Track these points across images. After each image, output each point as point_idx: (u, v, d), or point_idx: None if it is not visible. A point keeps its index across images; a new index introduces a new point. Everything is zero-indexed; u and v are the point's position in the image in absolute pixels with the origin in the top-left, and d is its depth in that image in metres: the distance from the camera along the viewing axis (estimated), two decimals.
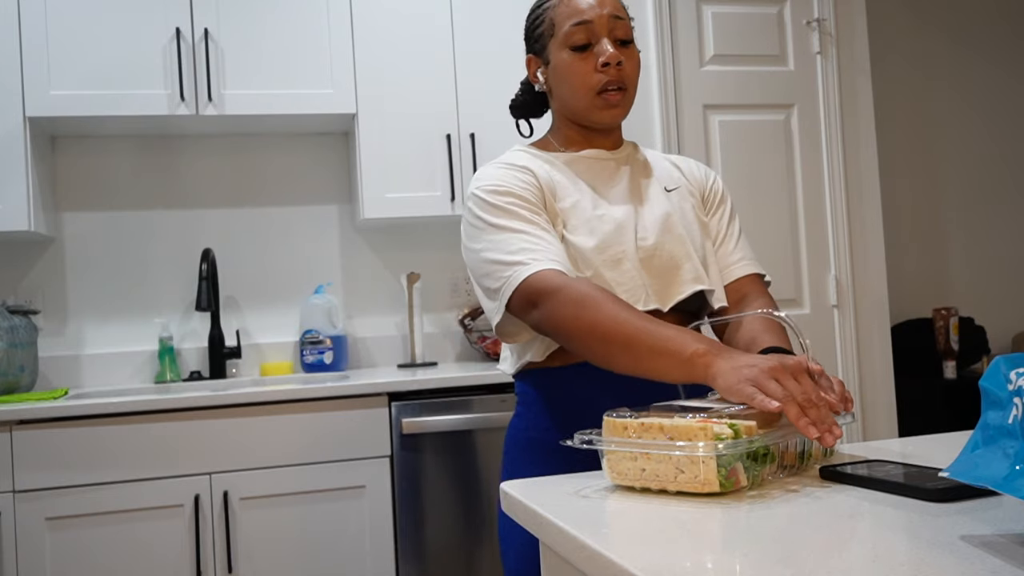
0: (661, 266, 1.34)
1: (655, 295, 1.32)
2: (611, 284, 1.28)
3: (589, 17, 1.35)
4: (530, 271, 1.20)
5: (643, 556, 0.68)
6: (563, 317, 1.16)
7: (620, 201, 1.36)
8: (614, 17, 1.36)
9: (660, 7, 2.78)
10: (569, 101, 1.39)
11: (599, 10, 1.36)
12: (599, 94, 1.35)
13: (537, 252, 1.22)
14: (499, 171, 1.34)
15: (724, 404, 0.99)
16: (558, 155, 1.41)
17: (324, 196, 3.00)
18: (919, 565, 0.61)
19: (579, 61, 1.36)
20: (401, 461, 2.34)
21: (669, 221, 1.37)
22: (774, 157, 2.87)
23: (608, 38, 1.36)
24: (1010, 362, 0.67)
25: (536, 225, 1.26)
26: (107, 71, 2.54)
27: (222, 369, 2.78)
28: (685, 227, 1.38)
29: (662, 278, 1.33)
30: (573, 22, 1.36)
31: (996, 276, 3.76)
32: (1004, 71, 3.83)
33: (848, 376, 2.88)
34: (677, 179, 1.46)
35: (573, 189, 1.35)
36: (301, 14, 2.68)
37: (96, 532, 2.16)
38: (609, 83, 1.35)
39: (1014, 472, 0.62)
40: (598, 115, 1.37)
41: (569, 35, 1.36)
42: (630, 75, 1.37)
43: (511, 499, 0.97)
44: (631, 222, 1.34)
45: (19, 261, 2.76)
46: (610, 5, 1.37)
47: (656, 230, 1.35)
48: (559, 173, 1.37)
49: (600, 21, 1.35)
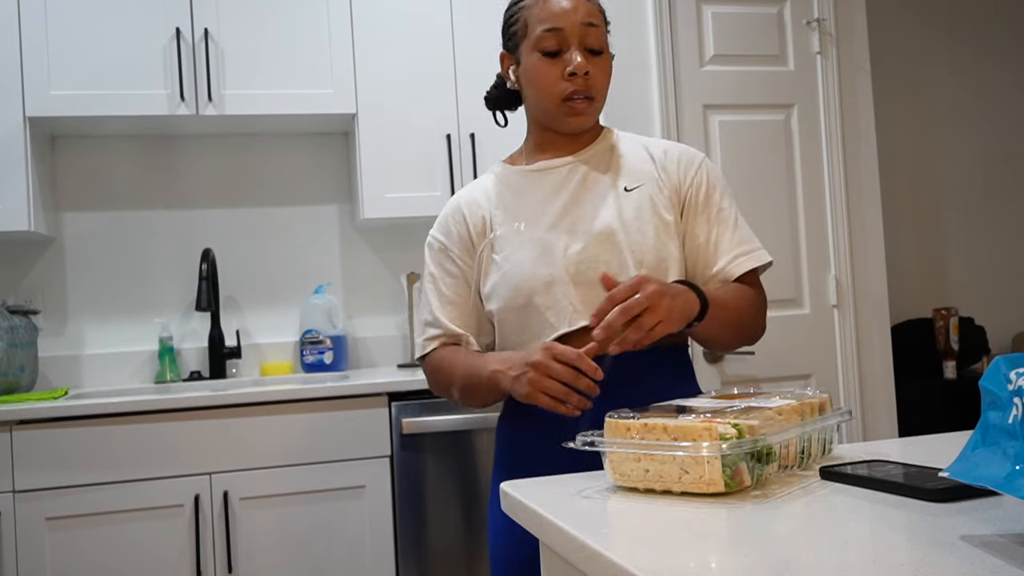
0: (595, 279, 1.32)
1: (587, 310, 1.30)
2: (541, 308, 1.35)
3: (560, 24, 1.35)
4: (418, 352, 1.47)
5: (644, 556, 0.68)
6: (433, 387, 1.47)
7: (558, 217, 1.38)
8: (586, 24, 1.35)
9: (660, 7, 2.78)
10: (537, 104, 1.41)
11: (572, 17, 1.35)
12: (565, 101, 1.36)
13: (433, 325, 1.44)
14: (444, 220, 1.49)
15: (727, 403, 1.00)
16: (517, 170, 1.46)
17: (324, 196, 3.00)
18: (919, 565, 0.62)
19: (547, 66, 1.36)
20: (401, 461, 2.34)
21: (607, 231, 1.36)
22: (774, 157, 2.87)
23: (578, 46, 1.35)
24: (1010, 362, 0.67)
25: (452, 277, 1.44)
26: (107, 71, 2.54)
27: (222, 369, 2.78)
28: (631, 232, 1.35)
29: (597, 291, 1.30)
30: (545, 27, 1.35)
31: (996, 276, 3.76)
32: (1004, 71, 3.83)
33: (848, 376, 2.88)
34: (647, 172, 1.41)
35: (515, 212, 1.41)
36: (301, 14, 2.68)
37: (96, 532, 2.16)
38: (575, 92, 1.36)
39: (1014, 472, 0.62)
40: (563, 122, 1.39)
41: (540, 39, 1.36)
42: (598, 84, 1.38)
43: (511, 499, 0.97)
44: (563, 240, 1.36)
45: (19, 261, 2.76)
46: (584, 12, 1.36)
47: (590, 243, 1.35)
48: (509, 194, 1.43)
49: (571, 29, 1.35)
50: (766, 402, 1.00)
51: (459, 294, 1.44)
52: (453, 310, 1.43)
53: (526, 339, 1.37)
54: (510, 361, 1.27)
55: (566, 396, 1.18)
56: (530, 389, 1.20)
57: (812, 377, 2.84)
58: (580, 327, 1.32)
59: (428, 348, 1.44)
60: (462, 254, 1.44)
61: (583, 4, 1.36)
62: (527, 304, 1.35)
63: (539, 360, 1.19)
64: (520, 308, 1.36)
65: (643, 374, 1.34)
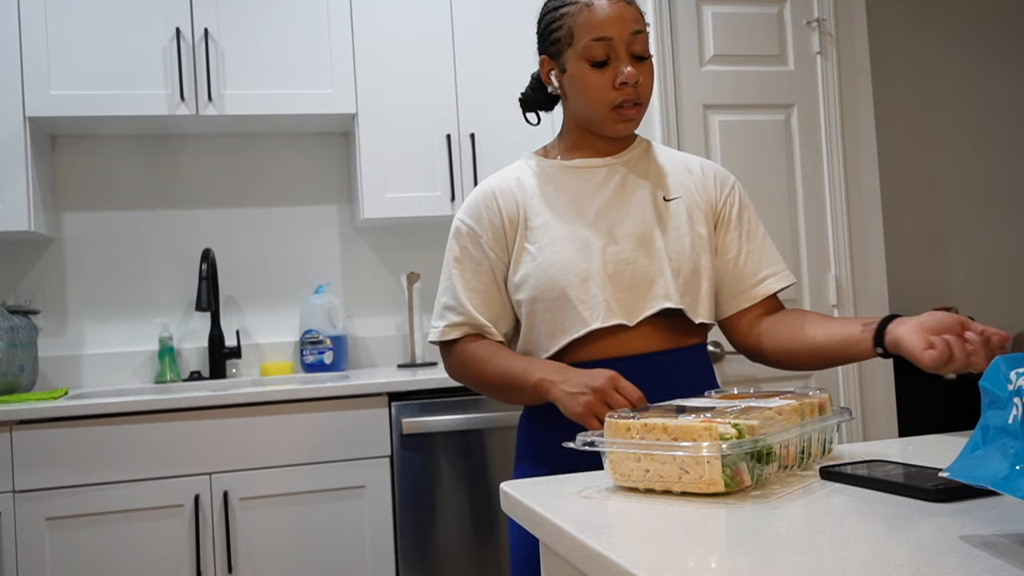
0: (632, 281, 1.36)
1: (621, 310, 1.35)
2: (575, 302, 1.35)
3: (610, 34, 1.34)
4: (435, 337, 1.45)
5: (644, 556, 0.68)
6: (456, 374, 1.45)
7: (597, 215, 1.39)
8: (634, 33, 1.35)
9: (660, 7, 2.78)
10: (584, 111, 1.41)
11: (621, 26, 1.34)
12: (615, 108, 1.37)
13: (455, 311, 1.42)
14: (475, 203, 1.45)
15: (727, 403, 1.00)
16: (554, 163, 1.45)
17: (324, 196, 3.00)
18: (919, 565, 0.62)
19: (597, 76, 1.36)
20: (401, 461, 2.34)
21: (648, 236, 1.38)
22: (774, 157, 2.86)
23: (627, 55, 1.35)
24: (1010, 362, 0.67)
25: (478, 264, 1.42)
26: (107, 71, 2.54)
27: (222, 369, 2.78)
28: (671, 241, 1.39)
29: (632, 293, 1.35)
30: (593, 36, 1.35)
31: (996, 276, 3.76)
32: (1004, 71, 3.83)
33: (848, 376, 2.88)
34: (685, 187, 1.45)
35: (552, 204, 1.40)
36: (301, 14, 2.68)
37: (96, 532, 2.16)
38: (626, 100, 1.36)
39: (1014, 472, 0.62)
40: (612, 128, 1.40)
41: (588, 49, 1.35)
42: (646, 91, 1.39)
43: (511, 499, 0.97)
44: (601, 238, 1.37)
45: (19, 261, 2.76)
46: (631, 19, 1.36)
47: (630, 245, 1.37)
48: (545, 186, 1.43)
49: (620, 38, 1.34)
50: (766, 402, 1.00)
51: (484, 282, 1.42)
52: (477, 297, 1.41)
53: (556, 331, 1.37)
54: (564, 375, 1.26)
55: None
56: (584, 411, 1.20)
57: (812, 377, 2.84)
58: (612, 324, 1.34)
59: (449, 336, 1.42)
60: (492, 241, 1.42)
61: (629, 11, 1.36)
62: (560, 296, 1.35)
63: (602, 387, 1.20)
64: (553, 300, 1.36)
65: (672, 372, 1.37)
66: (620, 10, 1.35)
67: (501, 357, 1.37)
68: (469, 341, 1.42)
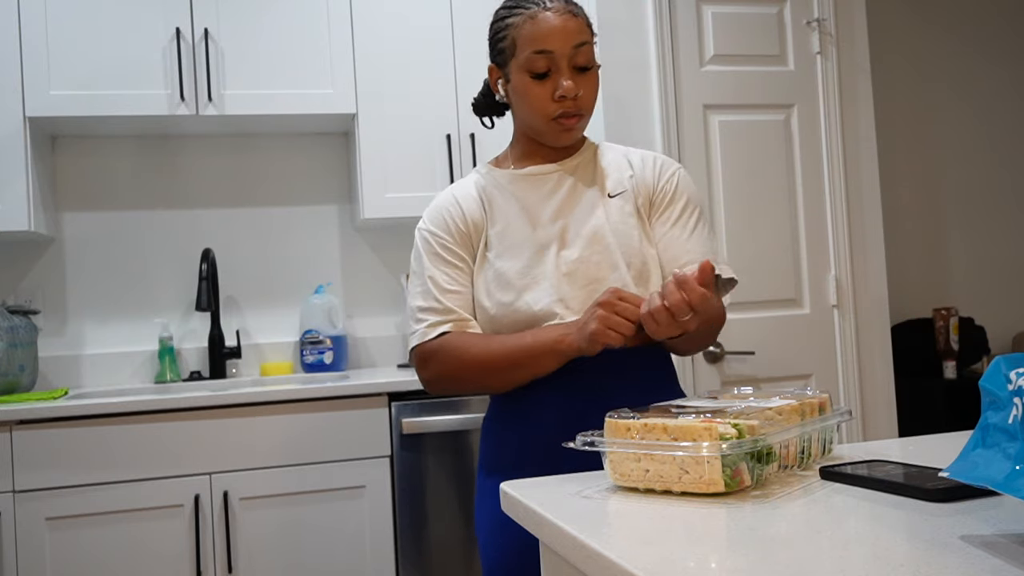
0: (585, 279, 1.37)
1: (579, 309, 1.36)
2: (529, 304, 1.35)
3: (551, 47, 1.35)
4: (417, 340, 1.40)
5: (644, 556, 0.68)
6: (452, 367, 1.36)
7: (550, 219, 1.41)
8: (577, 45, 1.36)
9: (660, 7, 2.78)
10: (527, 121, 1.43)
11: (562, 39, 1.34)
12: (555, 120, 1.38)
13: (437, 311, 1.40)
14: (437, 212, 1.46)
15: (727, 403, 1.00)
16: (506, 173, 1.46)
17: (324, 196, 3.00)
18: (919, 565, 0.62)
19: (538, 88, 1.37)
20: (401, 461, 2.34)
21: (599, 234, 1.39)
22: (774, 157, 2.86)
23: (568, 68, 1.36)
24: (1010, 362, 0.67)
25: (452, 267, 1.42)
26: (107, 71, 2.54)
27: (222, 369, 2.78)
28: (619, 235, 1.40)
29: (587, 289, 1.37)
30: (534, 49, 1.35)
31: (996, 276, 3.76)
32: (1004, 70, 3.83)
33: (848, 376, 2.88)
34: (627, 181, 1.46)
35: (507, 212, 1.42)
36: (301, 14, 2.68)
37: (96, 532, 2.16)
38: (565, 112, 1.37)
39: (1014, 472, 0.62)
40: (554, 138, 1.42)
41: (529, 61, 1.36)
42: (587, 102, 1.39)
43: (511, 499, 0.96)
44: (555, 240, 1.39)
45: (19, 261, 2.76)
46: (574, 32, 1.35)
47: (582, 244, 1.39)
48: (499, 195, 1.44)
49: (562, 51, 1.35)
50: (766, 402, 1.00)
51: (459, 282, 1.42)
52: (455, 297, 1.41)
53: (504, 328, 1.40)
54: (568, 325, 1.30)
55: (631, 331, 1.22)
56: (598, 327, 1.22)
57: (812, 377, 2.84)
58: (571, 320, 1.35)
59: (432, 334, 1.38)
60: (460, 245, 1.44)
61: (572, 23, 1.36)
62: (517, 300, 1.38)
63: (606, 300, 1.23)
64: (510, 304, 1.38)
65: (631, 372, 1.38)
66: (563, 22, 1.35)
67: (499, 337, 1.36)
68: (457, 334, 1.38)
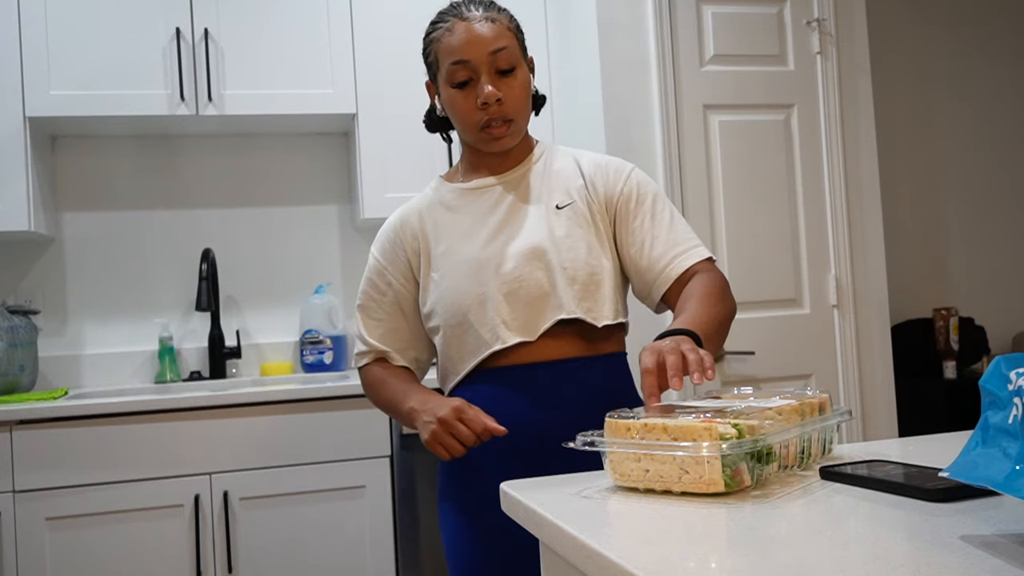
0: (528, 297, 1.36)
1: (522, 328, 1.36)
2: (476, 326, 1.37)
3: (467, 56, 1.35)
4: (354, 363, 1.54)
5: (644, 556, 0.68)
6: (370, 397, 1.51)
7: (491, 235, 1.40)
8: (494, 52, 1.35)
9: (660, 7, 2.77)
10: (460, 132, 1.44)
11: (477, 47, 1.35)
12: (483, 129, 1.38)
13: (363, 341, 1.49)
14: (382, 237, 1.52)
15: (727, 403, 1.00)
16: (453, 188, 1.47)
17: (324, 196, 3.00)
18: (919, 565, 0.62)
19: (462, 98, 1.38)
20: (401, 461, 2.34)
21: (539, 250, 1.37)
22: (774, 157, 2.86)
23: (488, 74, 1.36)
24: (1010, 362, 0.67)
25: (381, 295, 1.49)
26: (107, 71, 2.54)
27: (222, 369, 2.78)
28: (563, 250, 1.37)
29: (530, 308, 1.36)
30: (452, 60, 1.36)
31: (996, 276, 3.76)
32: (1004, 71, 3.83)
33: (848, 376, 2.88)
34: (577, 190, 1.43)
35: (451, 230, 1.43)
36: (301, 14, 2.68)
37: (96, 532, 2.16)
38: (491, 120, 1.37)
39: (1014, 472, 0.62)
40: (486, 147, 1.42)
41: (450, 73, 1.37)
42: (513, 107, 1.38)
43: (511, 499, 0.96)
44: (495, 259, 1.38)
45: (19, 261, 2.76)
46: (490, 37, 1.35)
47: (521, 261, 1.37)
48: (444, 213, 1.45)
49: (479, 59, 1.35)
50: (766, 402, 1.00)
51: (386, 312, 1.48)
52: (378, 328, 1.48)
53: (464, 355, 1.40)
54: (426, 403, 1.34)
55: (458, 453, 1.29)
56: (430, 439, 1.29)
57: (812, 377, 2.84)
58: (513, 344, 1.35)
59: (359, 363, 1.51)
60: (397, 273, 1.47)
61: (488, 28, 1.36)
62: (463, 322, 1.38)
63: (445, 416, 1.27)
64: (456, 326, 1.39)
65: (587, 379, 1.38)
66: (478, 30, 1.35)
67: (392, 382, 1.44)
68: (373, 366, 1.49)
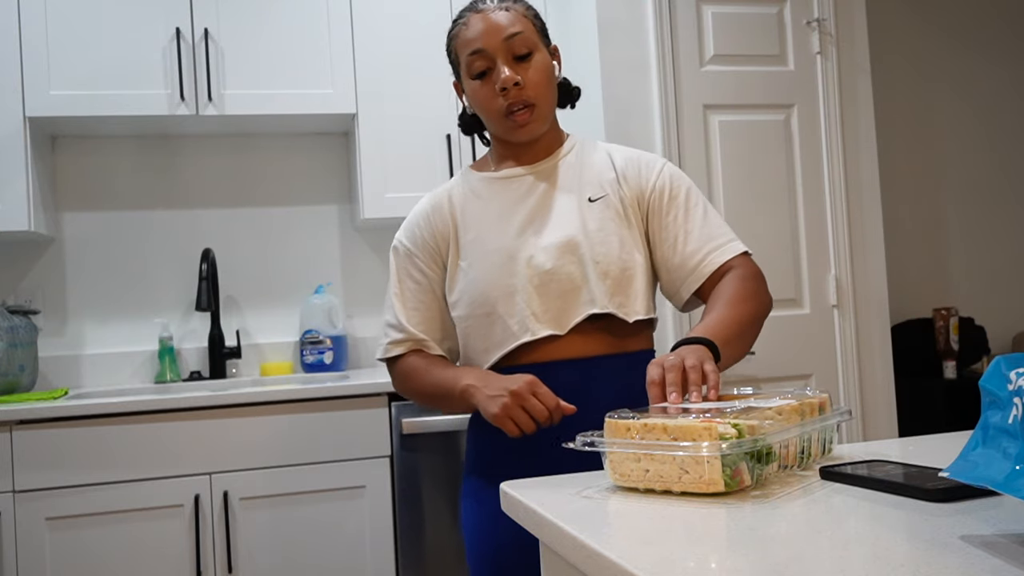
0: (559, 291, 1.36)
1: (552, 321, 1.35)
2: (504, 317, 1.36)
3: (482, 45, 1.37)
4: (380, 354, 1.50)
5: (644, 556, 0.68)
6: (403, 388, 1.49)
7: (522, 226, 1.40)
8: (507, 37, 1.36)
9: (660, 7, 2.77)
10: (487, 125, 1.45)
11: (491, 35, 1.36)
12: (507, 116, 1.38)
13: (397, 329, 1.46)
14: (410, 224, 1.50)
15: (727, 403, 1.00)
16: (482, 176, 1.47)
17: (324, 196, 3.00)
18: (919, 565, 0.62)
19: (482, 88, 1.39)
20: (401, 461, 2.34)
21: (572, 243, 1.37)
22: (774, 157, 2.86)
23: (504, 60, 1.36)
24: (1010, 362, 0.67)
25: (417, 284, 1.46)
26: (107, 71, 2.54)
27: (222, 369, 2.78)
28: (596, 244, 1.37)
29: (560, 301, 1.36)
30: (469, 52, 1.38)
31: (996, 276, 3.76)
32: (1004, 71, 3.83)
33: (848, 376, 2.88)
34: (610, 183, 1.43)
35: (480, 219, 1.42)
36: (301, 14, 2.68)
37: (96, 532, 2.16)
38: (512, 105, 1.37)
39: (1014, 472, 0.62)
40: (513, 135, 1.41)
41: (469, 64, 1.39)
42: (533, 90, 1.38)
43: (511, 499, 0.96)
44: (526, 251, 1.37)
45: (19, 261, 2.76)
46: (503, 25, 1.37)
47: (554, 254, 1.37)
48: (474, 201, 1.45)
49: (493, 47, 1.36)
50: (766, 402, 1.00)
51: (422, 300, 1.46)
52: (416, 315, 1.46)
53: (489, 347, 1.39)
54: (487, 380, 1.30)
55: (529, 430, 1.25)
56: (501, 413, 1.25)
57: (812, 377, 2.84)
58: (542, 336, 1.35)
59: (392, 352, 1.47)
60: (427, 260, 1.46)
61: (502, 16, 1.37)
62: (491, 313, 1.38)
63: (519, 390, 1.24)
64: (483, 316, 1.39)
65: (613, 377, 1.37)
66: (493, 18, 1.37)
67: (437, 367, 1.42)
68: (409, 356, 1.46)
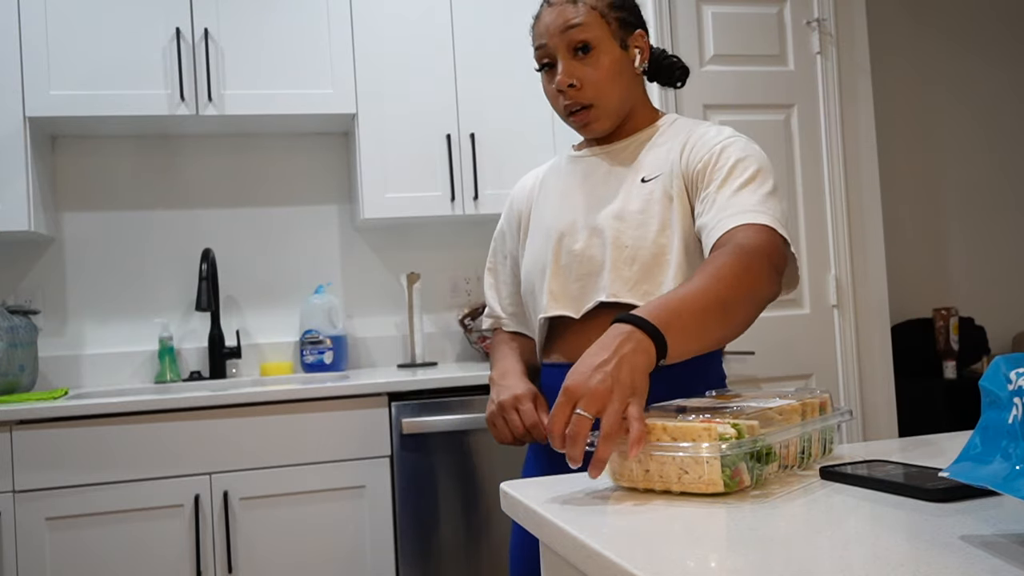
0: (579, 273, 1.35)
1: (570, 302, 1.36)
2: (536, 293, 1.41)
3: (544, 40, 1.36)
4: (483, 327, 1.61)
5: (644, 556, 0.68)
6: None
7: (573, 207, 1.39)
8: (565, 30, 1.33)
9: (660, 7, 2.77)
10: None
11: (552, 29, 1.35)
12: (568, 116, 1.38)
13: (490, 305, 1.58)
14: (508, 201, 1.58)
15: (727, 403, 1.00)
16: (569, 155, 1.49)
17: (324, 196, 3.00)
18: (919, 565, 0.61)
19: (547, 82, 1.40)
20: (401, 461, 2.34)
21: (603, 223, 1.32)
22: (774, 157, 2.86)
23: (564, 55, 1.34)
24: (1010, 362, 0.67)
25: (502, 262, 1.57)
26: (107, 71, 2.54)
27: (222, 369, 2.78)
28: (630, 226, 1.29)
29: (581, 283, 1.35)
30: (535, 45, 1.39)
31: (996, 276, 3.76)
32: (1004, 72, 3.83)
33: (848, 376, 2.88)
34: (669, 162, 1.33)
35: (549, 197, 1.45)
36: (301, 14, 2.68)
37: (96, 532, 2.16)
38: (570, 105, 1.36)
39: (1014, 472, 0.62)
40: (578, 132, 1.41)
41: (536, 58, 1.40)
42: (592, 90, 1.34)
43: (511, 499, 0.96)
44: (564, 229, 1.38)
45: (19, 261, 2.76)
46: (564, 17, 1.34)
47: (584, 236, 1.35)
48: (553, 179, 1.47)
49: (553, 41, 1.35)
50: (766, 402, 1.00)
51: (509, 276, 1.56)
52: (504, 290, 1.56)
53: (533, 326, 1.45)
54: (502, 380, 1.40)
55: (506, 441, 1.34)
56: (488, 417, 1.37)
57: (812, 377, 2.84)
58: (557, 315, 1.37)
59: (485, 326, 1.61)
60: (512, 235, 1.54)
61: (564, 10, 1.34)
62: (532, 291, 1.43)
63: (504, 403, 1.33)
64: (528, 293, 1.45)
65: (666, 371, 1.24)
66: (557, 12, 1.35)
67: (496, 351, 1.51)
68: (496, 335, 1.57)
